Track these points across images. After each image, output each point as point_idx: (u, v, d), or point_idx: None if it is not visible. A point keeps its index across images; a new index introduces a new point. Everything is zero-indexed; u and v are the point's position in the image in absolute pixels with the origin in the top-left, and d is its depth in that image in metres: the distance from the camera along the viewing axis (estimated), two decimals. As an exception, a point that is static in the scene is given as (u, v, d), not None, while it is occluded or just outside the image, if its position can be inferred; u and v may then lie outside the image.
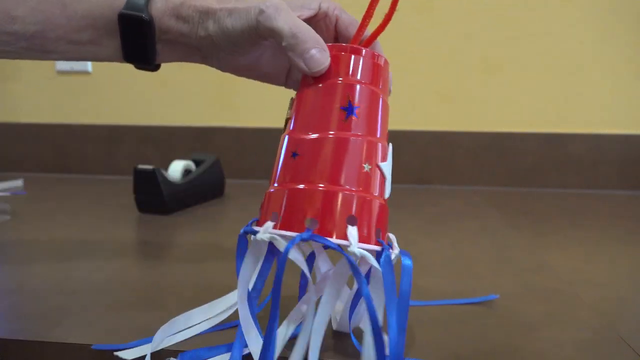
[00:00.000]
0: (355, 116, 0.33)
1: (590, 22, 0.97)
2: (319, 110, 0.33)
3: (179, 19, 0.39)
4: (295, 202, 0.31)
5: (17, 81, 1.13)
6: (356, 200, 0.31)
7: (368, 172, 0.32)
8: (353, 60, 0.34)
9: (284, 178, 0.33)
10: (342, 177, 0.31)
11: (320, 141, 0.32)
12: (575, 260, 0.56)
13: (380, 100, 0.35)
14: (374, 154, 0.33)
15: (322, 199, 0.31)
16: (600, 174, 0.99)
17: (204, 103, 1.08)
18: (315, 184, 0.31)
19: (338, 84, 0.34)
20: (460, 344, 0.36)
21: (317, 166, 0.32)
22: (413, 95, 1.03)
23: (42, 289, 0.45)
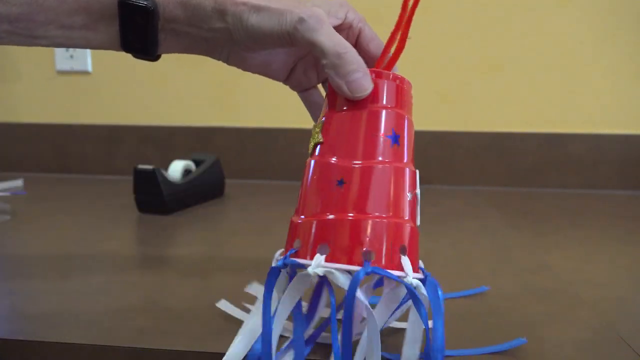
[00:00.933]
0: (398, 144, 0.33)
1: (590, 22, 0.97)
2: (362, 137, 0.32)
3: (187, 7, 0.35)
4: (348, 233, 0.30)
5: (17, 81, 1.13)
6: (407, 230, 0.31)
7: (411, 200, 0.32)
8: (392, 88, 0.34)
9: (326, 207, 0.31)
10: (393, 207, 0.31)
11: (370, 170, 0.31)
12: (575, 260, 0.56)
13: (411, 126, 0.35)
14: (413, 182, 0.33)
15: (376, 229, 0.30)
16: (600, 174, 0.99)
17: (204, 103, 1.08)
18: (365, 213, 0.31)
19: (381, 111, 0.33)
20: (460, 344, 0.36)
21: (368, 195, 0.31)
22: (413, 95, 1.02)
23: (42, 289, 0.45)
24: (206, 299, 0.43)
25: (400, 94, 0.34)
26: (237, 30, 0.35)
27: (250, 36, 0.35)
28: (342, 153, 0.32)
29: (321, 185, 0.32)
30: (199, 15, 0.35)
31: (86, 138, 1.12)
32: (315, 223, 0.31)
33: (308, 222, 0.32)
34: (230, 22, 0.35)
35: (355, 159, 0.32)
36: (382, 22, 0.39)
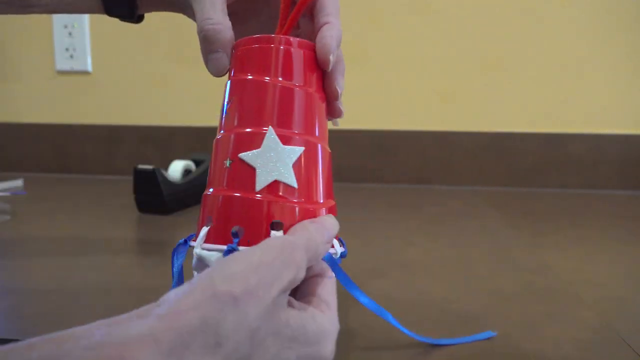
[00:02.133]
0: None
1: (590, 22, 0.97)
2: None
3: None
4: (223, 211, 0.30)
5: (17, 81, 1.13)
6: (279, 206, 0.29)
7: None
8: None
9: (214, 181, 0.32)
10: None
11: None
12: (575, 260, 0.56)
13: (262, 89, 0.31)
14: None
15: (244, 206, 0.29)
16: (600, 174, 0.99)
17: (204, 103, 1.08)
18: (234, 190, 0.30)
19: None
20: (460, 344, 0.36)
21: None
22: (413, 95, 1.03)
23: (42, 289, 0.45)
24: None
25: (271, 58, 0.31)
26: None
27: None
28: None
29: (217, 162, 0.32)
30: None
31: (86, 138, 1.11)
32: (208, 198, 0.31)
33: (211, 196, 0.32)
34: None
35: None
36: (378, 21, 0.39)
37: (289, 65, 0.31)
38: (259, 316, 0.22)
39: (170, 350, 0.19)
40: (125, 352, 0.18)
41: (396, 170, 1.04)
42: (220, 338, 0.20)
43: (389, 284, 0.48)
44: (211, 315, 0.20)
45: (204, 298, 0.21)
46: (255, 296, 0.22)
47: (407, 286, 0.47)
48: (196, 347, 0.20)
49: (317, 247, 0.27)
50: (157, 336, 0.19)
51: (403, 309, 0.42)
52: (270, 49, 0.31)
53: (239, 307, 0.21)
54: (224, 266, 0.23)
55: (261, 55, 0.31)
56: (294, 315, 0.24)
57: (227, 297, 0.21)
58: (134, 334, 0.19)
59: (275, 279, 0.23)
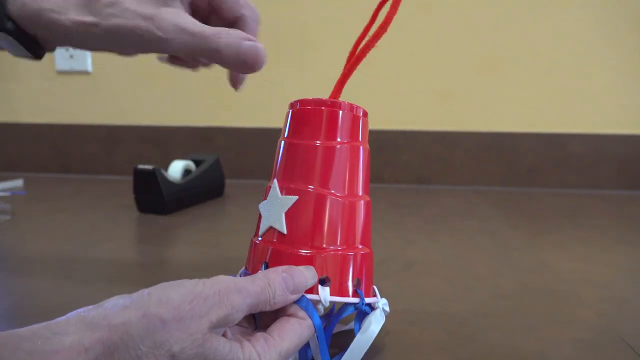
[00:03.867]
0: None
1: (590, 22, 0.97)
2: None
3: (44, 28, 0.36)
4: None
5: (17, 81, 1.13)
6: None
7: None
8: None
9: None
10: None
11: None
12: (575, 260, 0.56)
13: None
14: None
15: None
16: (600, 174, 0.99)
17: (204, 103, 1.08)
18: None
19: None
20: (460, 344, 0.36)
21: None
22: (413, 95, 1.03)
23: (42, 288, 0.45)
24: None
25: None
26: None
27: None
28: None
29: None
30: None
31: (86, 138, 1.12)
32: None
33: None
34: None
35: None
36: (378, 21, 0.39)
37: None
38: (182, 343, 0.24)
39: (96, 358, 0.22)
40: (59, 358, 0.22)
41: (396, 170, 1.04)
42: (141, 353, 0.23)
43: (389, 283, 0.48)
44: (137, 333, 0.23)
45: (135, 316, 0.23)
46: (183, 324, 0.24)
47: (407, 286, 0.47)
48: (118, 359, 0.23)
49: (272, 295, 0.28)
50: (87, 346, 0.22)
51: (403, 309, 0.42)
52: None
53: (164, 330, 0.23)
54: (164, 290, 0.25)
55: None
56: (222, 343, 0.25)
57: (156, 319, 0.24)
58: (67, 343, 0.22)
59: (206, 313, 0.25)
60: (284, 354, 0.27)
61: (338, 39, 1.02)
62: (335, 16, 1.01)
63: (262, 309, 0.28)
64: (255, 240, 0.34)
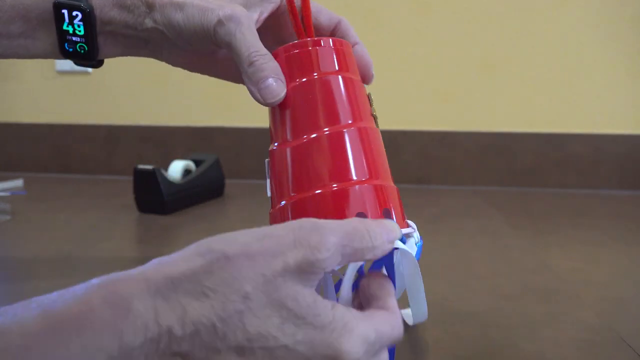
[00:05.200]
0: None
1: (590, 22, 0.97)
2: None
3: (123, 8, 0.35)
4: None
5: (17, 81, 1.13)
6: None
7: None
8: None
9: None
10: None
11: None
12: (575, 260, 0.56)
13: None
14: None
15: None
16: (600, 174, 0.99)
17: (204, 103, 1.08)
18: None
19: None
20: (460, 344, 0.36)
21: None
22: (413, 95, 1.03)
23: (41, 289, 0.45)
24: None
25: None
26: (167, 29, 0.35)
27: (179, 34, 0.35)
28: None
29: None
30: (133, 17, 0.35)
31: (86, 138, 1.11)
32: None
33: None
34: (160, 21, 0.35)
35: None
36: (378, 21, 0.39)
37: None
38: (252, 281, 0.21)
39: (157, 290, 0.20)
40: (118, 285, 0.20)
41: (396, 170, 1.03)
42: (207, 290, 0.21)
43: (389, 284, 0.48)
44: (197, 268, 0.21)
45: (196, 253, 0.22)
46: (251, 261, 0.21)
47: (407, 286, 0.47)
48: (182, 292, 0.20)
49: (371, 238, 0.24)
50: (148, 277, 0.20)
51: (403, 309, 0.42)
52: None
53: (231, 266, 0.21)
54: (228, 234, 0.23)
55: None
56: (307, 294, 0.22)
57: (219, 254, 0.21)
58: (125, 275, 0.21)
59: (279, 252, 0.22)
60: (371, 340, 0.23)
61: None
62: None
63: (360, 257, 0.24)
64: (274, 209, 0.32)
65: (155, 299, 0.20)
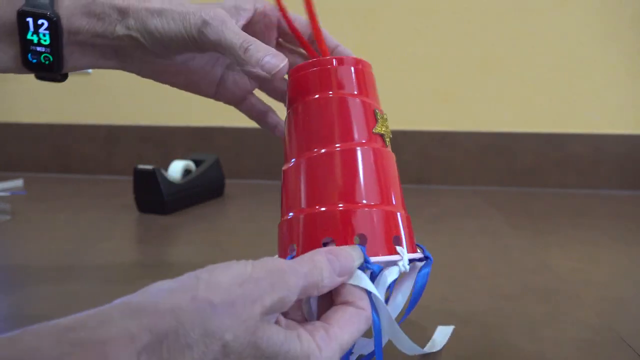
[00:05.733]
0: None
1: (590, 22, 0.97)
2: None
3: (92, 16, 0.34)
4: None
5: (17, 81, 1.13)
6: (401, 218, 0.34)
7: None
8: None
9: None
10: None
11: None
12: (575, 260, 0.56)
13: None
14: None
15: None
16: (600, 174, 0.99)
17: (204, 103, 1.08)
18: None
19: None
20: (460, 344, 0.36)
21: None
22: (413, 95, 1.03)
23: (41, 288, 0.45)
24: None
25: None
26: (143, 35, 0.34)
27: (156, 41, 0.34)
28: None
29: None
30: (103, 25, 0.34)
31: (86, 138, 1.11)
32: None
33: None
34: (135, 27, 0.34)
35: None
36: (378, 21, 0.39)
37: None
38: (233, 329, 0.22)
39: (144, 348, 0.20)
40: (107, 349, 0.20)
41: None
42: (192, 341, 0.21)
43: (389, 284, 0.48)
44: (186, 319, 0.21)
45: (184, 300, 0.21)
46: (234, 309, 0.22)
47: (407, 286, 0.47)
48: (167, 347, 0.20)
49: (320, 278, 0.26)
50: (134, 334, 0.20)
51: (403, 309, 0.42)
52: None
53: (215, 315, 0.21)
54: (212, 273, 0.23)
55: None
56: (276, 331, 0.23)
57: (206, 303, 0.21)
58: (113, 333, 0.20)
59: (258, 297, 0.23)
60: (344, 347, 0.25)
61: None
62: (336, 15, 1.01)
63: (311, 293, 0.26)
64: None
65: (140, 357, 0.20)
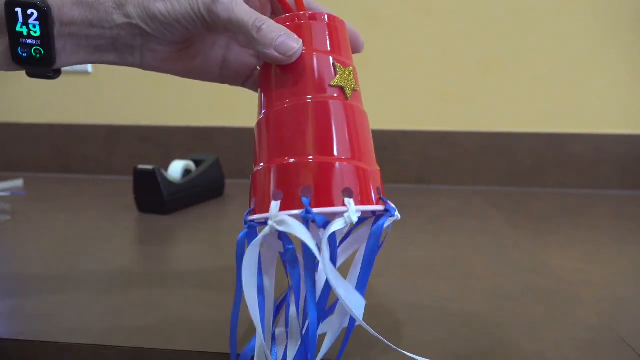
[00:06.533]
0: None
1: (590, 22, 0.97)
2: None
3: (85, 6, 0.33)
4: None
5: (17, 81, 1.13)
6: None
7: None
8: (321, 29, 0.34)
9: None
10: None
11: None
12: (575, 260, 0.56)
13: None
14: None
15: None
16: (600, 174, 0.99)
17: (204, 103, 1.08)
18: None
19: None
20: (460, 344, 0.36)
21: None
22: (413, 95, 1.03)
23: (42, 288, 0.45)
24: (206, 299, 0.43)
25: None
26: (146, 21, 0.33)
27: (160, 25, 0.33)
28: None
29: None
30: (97, 14, 0.33)
31: (86, 138, 1.11)
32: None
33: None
34: (135, 14, 0.33)
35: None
36: (378, 21, 0.39)
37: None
38: None
39: None
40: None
41: (396, 170, 1.04)
42: None
43: (389, 283, 0.48)
44: None
45: None
46: None
47: (407, 286, 0.47)
48: None
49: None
50: None
51: (403, 309, 0.42)
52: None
53: None
54: None
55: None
56: None
57: None
58: None
59: None
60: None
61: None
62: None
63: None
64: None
65: None
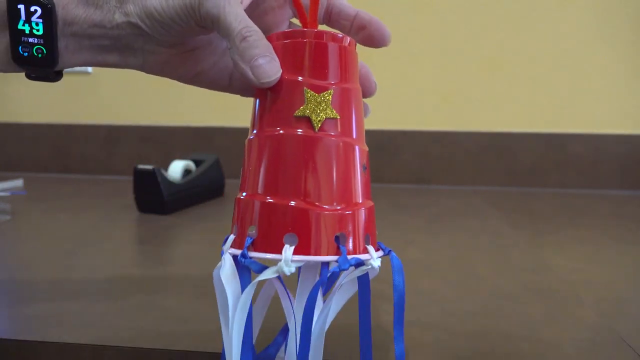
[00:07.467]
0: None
1: (590, 22, 0.97)
2: None
3: (89, 4, 0.31)
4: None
5: (17, 81, 1.13)
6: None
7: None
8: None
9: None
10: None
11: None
12: (575, 260, 0.56)
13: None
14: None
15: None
16: (600, 174, 0.99)
17: (204, 103, 1.08)
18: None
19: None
20: (460, 344, 0.36)
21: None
22: (413, 95, 1.03)
23: (42, 289, 0.45)
24: (206, 299, 0.43)
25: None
26: (143, 18, 0.31)
27: (157, 22, 0.31)
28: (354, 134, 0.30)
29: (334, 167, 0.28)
30: (101, 13, 0.32)
31: (86, 138, 1.11)
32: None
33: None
34: (133, 12, 0.31)
35: None
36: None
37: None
38: None
39: None
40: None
41: (396, 170, 1.04)
42: None
43: (388, 284, 0.48)
44: None
45: None
46: None
47: (407, 286, 0.47)
48: None
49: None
50: None
51: (403, 309, 0.42)
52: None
53: None
54: None
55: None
56: None
57: None
58: None
59: None
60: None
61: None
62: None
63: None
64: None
65: None
